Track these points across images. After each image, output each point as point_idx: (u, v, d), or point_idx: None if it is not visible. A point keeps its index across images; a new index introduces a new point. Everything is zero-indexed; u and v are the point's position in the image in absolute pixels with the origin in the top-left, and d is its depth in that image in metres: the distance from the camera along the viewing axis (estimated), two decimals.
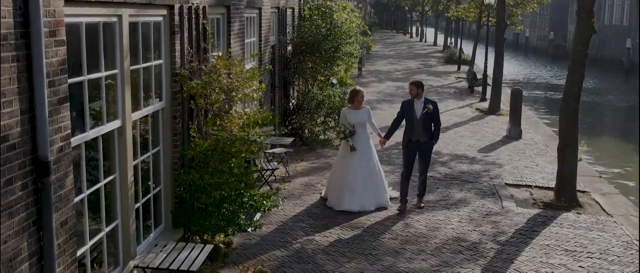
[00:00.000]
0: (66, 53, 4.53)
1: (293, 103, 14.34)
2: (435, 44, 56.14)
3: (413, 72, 31.76)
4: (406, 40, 66.77)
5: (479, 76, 23.47)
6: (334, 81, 14.75)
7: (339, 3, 15.00)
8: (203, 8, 7.62)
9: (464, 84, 26.46)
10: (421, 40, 63.86)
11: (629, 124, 25.05)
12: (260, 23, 11.31)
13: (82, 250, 5.23)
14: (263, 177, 10.22)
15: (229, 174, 7.05)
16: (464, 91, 24.79)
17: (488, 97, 20.70)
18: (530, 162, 12.94)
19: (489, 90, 20.60)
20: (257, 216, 8.49)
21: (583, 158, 13.75)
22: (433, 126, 9.31)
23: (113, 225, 5.89)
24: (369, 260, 7.60)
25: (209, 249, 6.52)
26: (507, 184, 11.15)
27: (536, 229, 8.81)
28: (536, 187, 11.02)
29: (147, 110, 6.54)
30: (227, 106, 7.50)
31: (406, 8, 75.23)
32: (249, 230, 7.88)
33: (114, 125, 5.71)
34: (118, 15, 5.61)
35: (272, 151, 10.98)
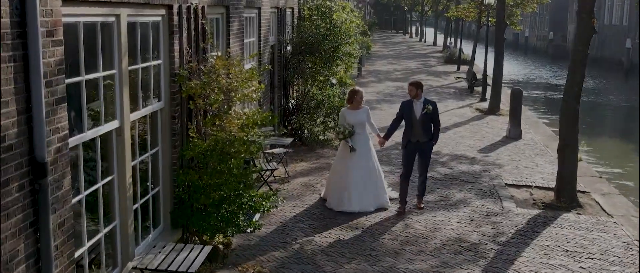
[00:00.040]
0: (64, 53, 4.51)
1: (292, 103, 14.31)
2: (434, 44, 56.13)
3: (413, 72, 31.75)
4: (406, 40, 66.78)
5: (479, 76, 23.45)
6: (334, 81, 14.71)
7: (339, 3, 14.97)
8: (202, 8, 7.59)
9: (464, 84, 26.44)
10: (421, 40, 63.86)
11: (629, 124, 25.03)
12: (259, 23, 11.28)
13: (80, 251, 5.20)
14: (262, 178, 10.19)
15: (228, 175, 7.03)
16: (464, 91, 24.77)
17: (488, 97, 20.68)
18: (530, 162, 12.92)
19: (489, 90, 20.58)
20: (257, 217, 8.47)
21: (583, 158, 13.74)
22: (432, 127, 9.29)
23: (111, 226, 5.87)
24: (369, 261, 7.58)
25: (208, 250, 6.49)
26: (507, 184, 11.13)
27: (536, 230, 8.79)
28: (536, 188, 11.00)
29: (146, 110, 6.52)
30: (226, 106, 7.47)
31: (406, 8, 75.22)
32: (248, 230, 7.85)
33: (112, 125, 5.69)
34: (116, 15, 5.59)
35: (272, 151, 10.94)
